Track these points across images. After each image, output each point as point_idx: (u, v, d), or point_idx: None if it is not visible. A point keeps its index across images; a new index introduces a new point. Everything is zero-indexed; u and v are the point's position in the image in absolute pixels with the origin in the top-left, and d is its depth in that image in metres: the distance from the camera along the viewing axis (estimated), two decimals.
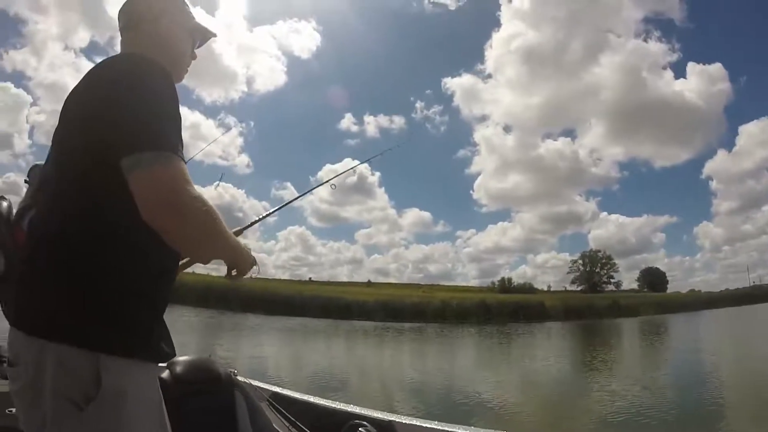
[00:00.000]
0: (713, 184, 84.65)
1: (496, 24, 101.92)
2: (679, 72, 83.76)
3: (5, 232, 3.78)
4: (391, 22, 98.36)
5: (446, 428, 2.44)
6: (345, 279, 73.09)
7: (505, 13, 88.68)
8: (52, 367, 1.20)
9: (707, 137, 76.93)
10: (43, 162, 4.04)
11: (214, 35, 1.81)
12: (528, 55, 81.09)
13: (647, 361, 19.37)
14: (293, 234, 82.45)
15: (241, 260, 1.50)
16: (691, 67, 75.87)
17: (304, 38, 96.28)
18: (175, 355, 1.40)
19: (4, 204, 4.05)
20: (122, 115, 1.25)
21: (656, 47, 74.30)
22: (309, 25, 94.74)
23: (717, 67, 75.84)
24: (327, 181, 2.83)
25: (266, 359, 17.14)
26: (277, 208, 2.55)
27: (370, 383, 14.44)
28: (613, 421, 9.08)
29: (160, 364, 1.49)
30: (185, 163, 1.28)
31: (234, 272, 1.53)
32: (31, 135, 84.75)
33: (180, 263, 1.55)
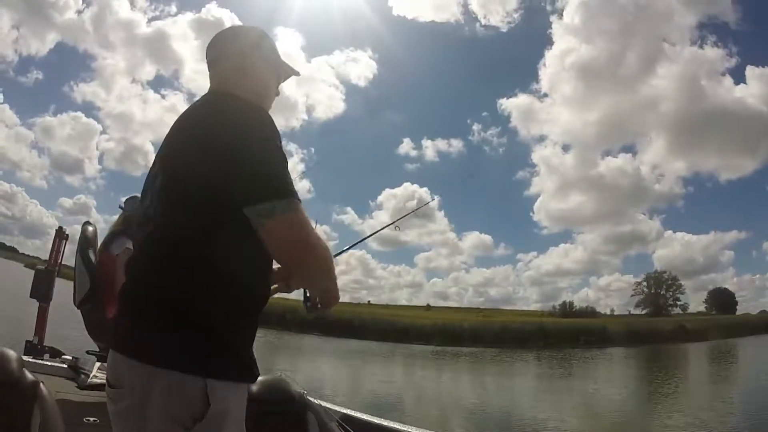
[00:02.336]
0: None
1: (549, 42, 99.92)
2: (739, 77, 79.56)
3: (92, 256, 3.93)
4: (445, 47, 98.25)
5: None
6: (404, 302, 72.48)
7: (556, 30, 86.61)
8: (161, 392, 1.31)
9: None
10: (135, 193, 4.25)
11: (298, 73, 1.87)
12: (583, 71, 79.02)
13: (716, 390, 18.53)
14: (353, 257, 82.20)
15: (335, 294, 1.67)
16: (751, 70, 69.00)
17: (361, 66, 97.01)
18: (259, 374, 1.50)
19: (90, 229, 4.29)
20: (249, 165, 1.37)
21: (713, 53, 70.75)
22: (365, 54, 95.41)
23: None
24: (393, 223, 3.13)
25: (324, 380, 17.16)
26: (362, 239, 2.86)
27: (427, 407, 14.34)
28: None
29: None
30: None
31: (320, 305, 1.73)
32: (100, 161, 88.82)
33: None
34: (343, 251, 2.46)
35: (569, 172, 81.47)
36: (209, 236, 1.39)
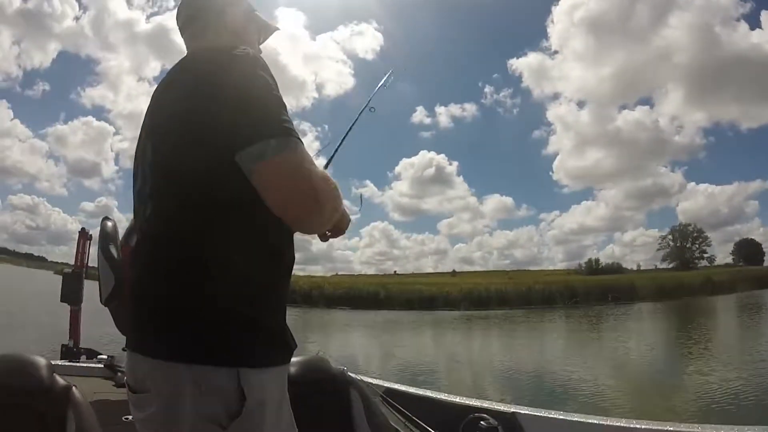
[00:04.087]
0: None
1: None
2: (754, 22, 78.38)
3: (114, 252, 4.06)
4: (450, 11, 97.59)
5: (571, 418, 2.36)
6: (430, 270, 73.25)
7: None
8: (191, 391, 1.15)
9: None
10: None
11: (277, 29, 1.72)
12: (593, 25, 78.04)
13: (746, 343, 18.32)
14: (376, 230, 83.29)
15: (345, 220, 1.49)
16: (766, 15, 70.71)
17: (367, 39, 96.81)
18: (297, 346, 1.35)
19: (109, 224, 4.32)
20: (237, 106, 1.19)
21: None
22: (369, 26, 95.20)
23: None
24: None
25: (355, 354, 17.35)
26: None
27: (459, 372, 14.49)
28: (712, 407, 8.73)
29: None
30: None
31: (329, 232, 1.54)
32: (116, 161, 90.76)
33: None
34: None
35: (586, 128, 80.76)
36: (216, 204, 1.22)
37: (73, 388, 2.26)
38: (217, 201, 1.21)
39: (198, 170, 1.21)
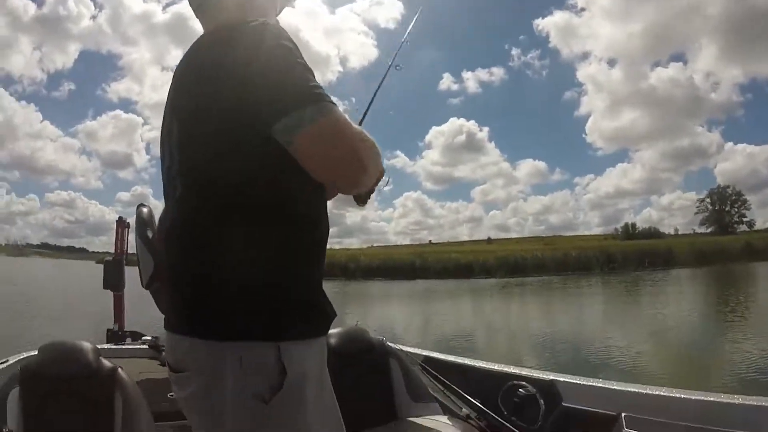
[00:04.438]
0: None
1: None
2: None
3: (151, 236, 4.32)
4: None
5: (610, 386, 2.31)
6: (465, 238, 73.31)
7: None
8: (233, 368, 1.15)
9: None
10: None
11: (292, 5, 1.62)
12: None
13: None
14: (410, 200, 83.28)
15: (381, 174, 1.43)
16: None
17: (387, 8, 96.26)
18: (336, 315, 1.32)
19: (145, 210, 4.58)
20: (265, 79, 1.16)
21: None
22: None
23: None
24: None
25: (394, 324, 17.56)
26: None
27: (496, 340, 14.59)
28: (749, 377, 8.68)
29: None
30: None
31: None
32: (148, 150, 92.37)
33: None
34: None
35: (618, 88, 78.78)
36: (246, 179, 1.20)
37: (119, 369, 2.39)
38: (248, 175, 1.19)
39: (227, 145, 1.19)
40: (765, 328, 14.00)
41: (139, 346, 4.56)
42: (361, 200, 1.57)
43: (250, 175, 1.19)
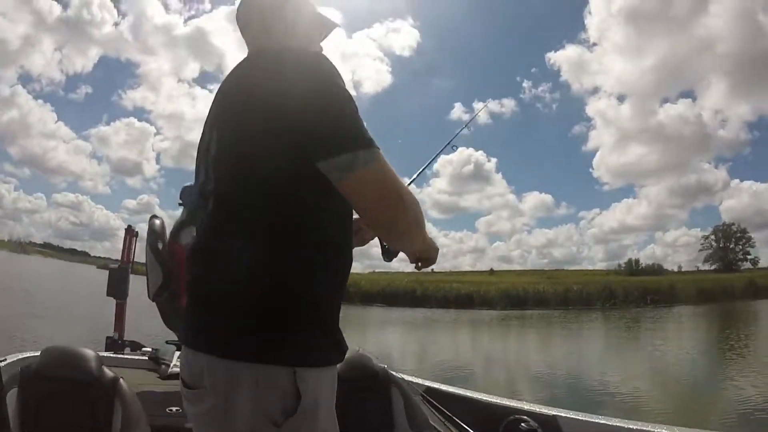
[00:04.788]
0: None
1: None
2: None
3: (162, 248, 4.12)
4: (486, 6, 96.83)
5: (612, 423, 2.31)
6: (468, 268, 72.91)
7: None
8: (248, 388, 1.17)
9: None
10: (188, 183, 4.29)
11: (337, 25, 1.68)
12: (632, 15, 75.97)
13: None
14: None
15: (433, 248, 1.53)
16: None
17: (403, 36, 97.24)
18: (348, 348, 1.36)
19: (157, 222, 4.14)
20: (319, 113, 1.20)
21: None
22: (405, 22, 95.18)
23: None
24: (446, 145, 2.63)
25: (392, 351, 17.36)
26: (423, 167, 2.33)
27: (495, 372, 14.46)
28: (751, 417, 8.54)
29: None
30: None
31: (420, 263, 1.57)
32: (158, 161, 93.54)
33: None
34: (421, 171, 2.25)
35: (627, 123, 79.03)
36: (280, 203, 1.24)
37: (120, 380, 2.40)
38: (283, 200, 1.24)
39: (265, 170, 1.23)
40: (763, 366, 13.83)
41: (138, 357, 4.52)
42: (389, 255, 1.68)
43: (285, 201, 1.23)
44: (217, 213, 1.32)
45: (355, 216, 1.39)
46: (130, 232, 6.18)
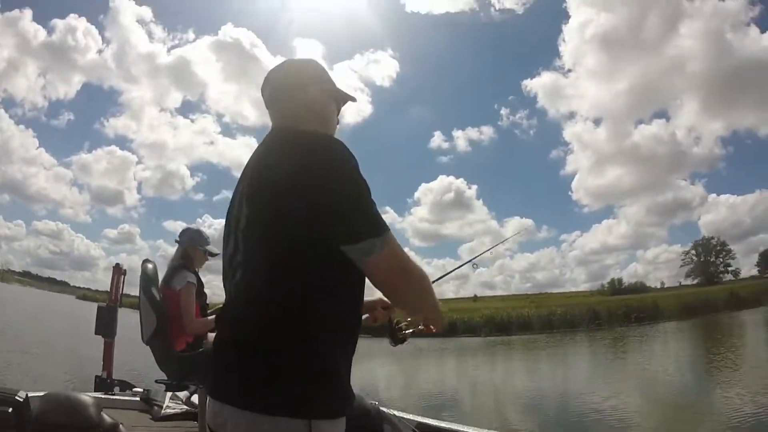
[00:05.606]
0: None
1: (566, 16, 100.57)
2: (765, 25, 77.99)
3: (155, 293, 3.93)
4: (463, 36, 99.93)
5: None
6: (451, 295, 72.73)
7: (571, 3, 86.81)
8: None
9: None
10: (189, 225, 4.90)
11: (354, 99, 1.90)
12: (604, 41, 78.33)
13: None
14: None
15: (440, 315, 1.76)
16: None
17: (383, 67, 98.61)
18: (355, 397, 1.54)
19: (150, 266, 4.16)
20: (343, 203, 1.38)
21: (734, 4, 69.57)
22: (385, 54, 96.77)
23: None
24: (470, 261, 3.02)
25: (378, 383, 17.36)
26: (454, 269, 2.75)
27: (482, 401, 14.28)
28: (742, 425, 8.59)
29: None
30: None
31: (431, 328, 1.85)
32: (139, 190, 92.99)
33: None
34: (441, 278, 2.58)
35: (603, 145, 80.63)
36: (302, 276, 1.40)
37: (120, 425, 2.52)
38: (305, 276, 1.40)
39: (293, 247, 1.39)
40: (748, 376, 13.96)
41: (130, 398, 4.58)
42: (395, 341, 2.04)
43: (308, 275, 1.40)
44: (244, 283, 1.49)
45: (369, 298, 1.70)
46: (118, 271, 6.15)
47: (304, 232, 1.38)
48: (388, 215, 75.58)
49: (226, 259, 1.58)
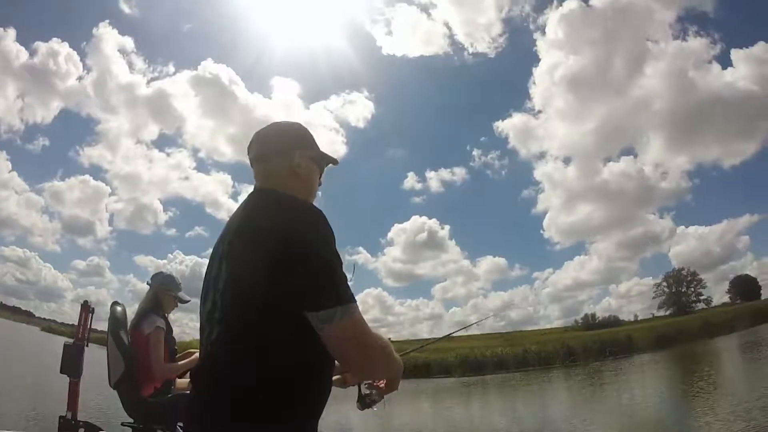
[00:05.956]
0: None
1: (535, 59, 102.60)
2: (725, 62, 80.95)
3: (124, 337, 4.29)
4: (437, 79, 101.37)
5: None
6: (426, 336, 72.47)
7: (541, 47, 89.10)
8: None
9: None
10: (161, 270, 4.96)
11: (336, 162, 2.05)
12: (572, 82, 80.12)
13: (753, 379, 18.17)
14: (370, 296, 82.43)
15: (398, 377, 1.89)
16: (735, 53, 75.11)
17: (358, 108, 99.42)
18: None
19: (119, 309, 4.52)
20: (313, 272, 1.48)
21: (696, 43, 72.11)
22: (361, 95, 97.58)
23: (761, 46, 70.60)
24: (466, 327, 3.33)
25: (350, 426, 16.94)
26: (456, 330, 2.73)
27: None
28: None
29: None
30: None
31: (384, 384, 2.00)
32: (111, 222, 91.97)
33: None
34: (415, 350, 2.90)
35: (573, 184, 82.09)
36: (276, 338, 1.49)
37: None
38: (279, 338, 1.50)
39: (267, 309, 1.49)
40: (725, 400, 13.93)
41: None
42: (363, 405, 2.09)
43: (281, 338, 1.52)
44: (221, 342, 1.59)
45: None
46: (86, 308, 5.92)
47: (279, 296, 1.48)
48: (361, 255, 75.75)
49: (204, 316, 1.67)
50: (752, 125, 74.16)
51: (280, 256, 1.47)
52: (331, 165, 2.10)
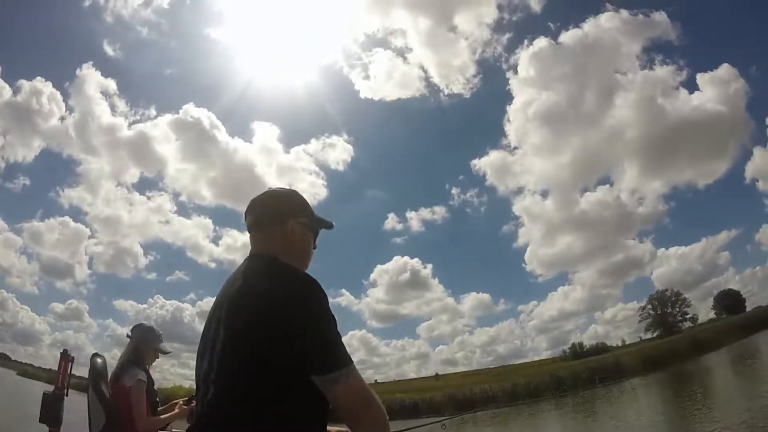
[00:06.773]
0: (760, 185, 72.58)
1: (509, 97, 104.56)
2: (692, 87, 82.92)
3: (105, 389, 4.00)
4: (414, 120, 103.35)
5: None
6: (413, 375, 71.95)
7: (514, 85, 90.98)
8: None
9: (739, 140, 73.19)
10: (142, 322, 5.01)
11: (331, 226, 2.15)
12: (546, 118, 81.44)
13: (745, 392, 17.88)
14: (354, 338, 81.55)
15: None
16: (701, 77, 73.82)
17: (338, 151, 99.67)
18: None
19: (99, 361, 4.22)
20: (315, 339, 1.61)
21: (663, 71, 74.02)
22: (340, 138, 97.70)
23: (725, 69, 71.56)
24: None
25: None
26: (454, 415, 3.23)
27: None
28: None
29: None
30: None
31: None
32: (90, 265, 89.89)
33: None
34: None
35: (552, 216, 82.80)
36: (271, 401, 1.56)
37: None
38: (274, 401, 1.58)
39: (264, 375, 1.58)
40: (718, 414, 13.84)
41: None
42: None
43: (277, 400, 1.58)
44: (217, 402, 1.66)
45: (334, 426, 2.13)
46: (66, 357, 5.87)
47: (276, 361, 1.57)
48: (344, 298, 75.39)
49: (200, 376, 1.75)
50: (722, 144, 76.09)
51: (279, 322, 1.55)
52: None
